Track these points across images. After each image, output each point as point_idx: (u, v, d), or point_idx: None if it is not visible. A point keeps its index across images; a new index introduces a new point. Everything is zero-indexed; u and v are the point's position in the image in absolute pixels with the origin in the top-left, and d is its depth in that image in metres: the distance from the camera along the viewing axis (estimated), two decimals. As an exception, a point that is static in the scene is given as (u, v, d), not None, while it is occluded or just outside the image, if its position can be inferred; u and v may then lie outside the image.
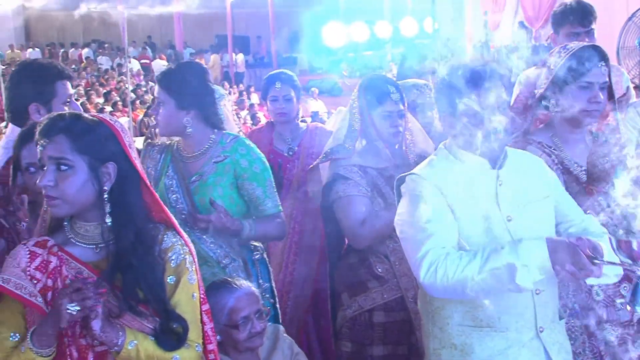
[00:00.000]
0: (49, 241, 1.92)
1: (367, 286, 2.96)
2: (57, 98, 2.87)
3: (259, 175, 2.87)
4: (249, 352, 2.50)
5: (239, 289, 2.49)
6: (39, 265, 1.88)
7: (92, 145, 1.87)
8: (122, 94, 15.98)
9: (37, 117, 2.86)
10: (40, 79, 2.89)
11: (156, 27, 25.40)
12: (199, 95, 2.83)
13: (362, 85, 3.09)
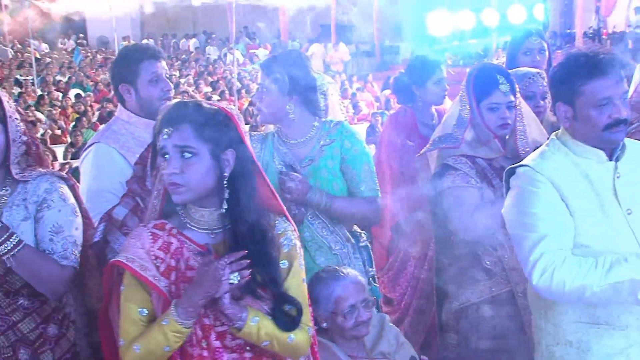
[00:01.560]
0: (167, 224, 1.99)
1: (475, 278, 2.91)
2: (141, 77, 3.03)
3: (357, 158, 2.90)
4: (355, 341, 2.51)
5: (346, 278, 2.50)
6: (161, 246, 1.95)
7: (213, 132, 1.92)
8: (228, 83, 16.39)
9: (128, 96, 3.07)
10: (126, 60, 3.07)
11: (262, 18, 25.87)
12: (301, 81, 2.87)
13: (470, 74, 3.02)
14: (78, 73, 18.08)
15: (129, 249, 1.93)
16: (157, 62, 3.05)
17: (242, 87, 16.00)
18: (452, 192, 2.90)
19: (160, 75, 3.05)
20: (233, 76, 15.35)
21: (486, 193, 2.89)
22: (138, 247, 1.93)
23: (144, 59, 3.03)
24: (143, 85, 3.03)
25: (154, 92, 3.04)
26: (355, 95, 15.31)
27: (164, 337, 1.85)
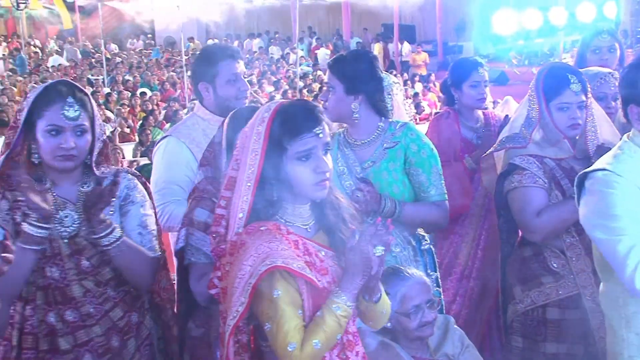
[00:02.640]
0: (279, 225, 1.99)
1: (541, 281, 2.85)
2: (219, 76, 3.09)
3: (425, 162, 2.87)
4: (419, 341, 2.50)
5: (411, 278, 2.49)
6: (293, 246, 1.97)
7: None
8: (290, 82, 16.51)
9: (206, 94, 3.15)
10: (206, 59, 3.15)
11: (324, 17, 25.97)
12: (367, 81, 2.86)
13: (540, 74, 2.96)
14: (146, 73, 18.53)
15: (279, 253, 1.90)
16: (235, 62, 3.11)
17: (304, 86, 16.08)
18: (518, 192, 2.85)
19: (238, 75, 3.12)
20: (295, 75, 15.47)
21: (553, 194, 2.84)
22: (284, 248, 1.92)
23: (223, 58, 3.09)
24: (221, 84, 3.10)
25: (231, 92, 3.11)
26: (418, 95, 15.20)
27: (339, 325, 1.90)
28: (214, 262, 2.09)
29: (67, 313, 2.36)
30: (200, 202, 2.47)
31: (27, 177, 2.32)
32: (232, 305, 1.89)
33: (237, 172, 2.00)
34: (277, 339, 1.87)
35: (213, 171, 2.52)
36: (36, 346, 2.34)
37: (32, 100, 2.35)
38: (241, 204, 1.96)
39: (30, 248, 2.25)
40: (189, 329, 2.55)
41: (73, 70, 19.57)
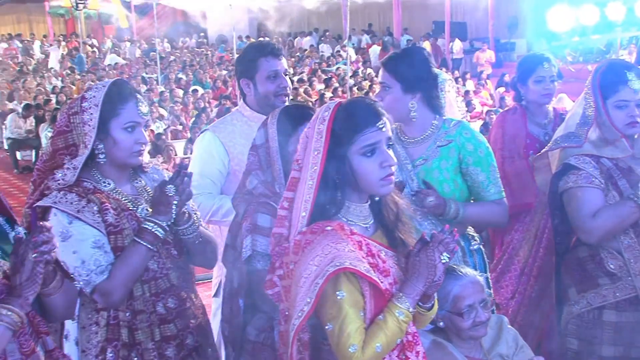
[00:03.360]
0: (343, 224, 2.00)
1: (597, 282, 2.81)
2: (259, 73, 3.16)
3: (483, 160, 2.84)
4: (472, 341, 2.49)
5: (464, 277, 2.48)
6: (357, 246, 1.99)
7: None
8: (341, 80, 16.53)
9: (248, 91, 3.22)
10: (248, 56, 3.23)
11: (375, 15, 25.89)
12: (423, 79, 2.85)
13: (597, 71, 2.91)
14: (198, 71, 18.79)
15: (346, 255, 1.90)
16: (276, 60, 3.17)
17: (354, 84, 16.07)
18: (573, 192, 2.81)
19: (278, 72, 3.17)
20: (346, 73, 15.45)
21: (610, 195, 2.78)
22: (350, 250, 1.92)
23: (263, 55, 3.16)
24: (261, 80, 3.16)
25: (271, 88, 3.17)
26: (469, 92, 15.02)
27: (400, 329, 1.93)
28: (273, 262, 2.10)
29: (170, 300, 2.47)
30: (260, 207, 2.49)
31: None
32: (296, 305, 1.90)
33: (299, 173, 2.01)
34: (338, 340, 1.89)
35: (265, 174, 2.55)
36: (151, 337, 2.42)
37: (101, 100, 2.38)
38: (304, 203, 1.97)
39: (149, 247, 2.35)
40: (247, 333, 2.58)
41: (128, 68, 19.99)
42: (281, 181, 2.49)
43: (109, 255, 2.36)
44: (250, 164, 2.58)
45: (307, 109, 2.61)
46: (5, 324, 1.86)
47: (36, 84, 17.10)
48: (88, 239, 2.33)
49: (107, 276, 2.33)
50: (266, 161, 2.55)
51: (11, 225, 2.11)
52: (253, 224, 2.47)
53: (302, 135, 2.06)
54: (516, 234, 3.62)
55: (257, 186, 2.53)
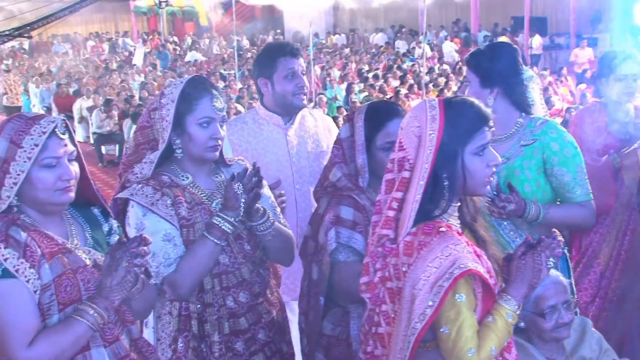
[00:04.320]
0: (450, 224, 2.00)
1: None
2: (277, 72, 3.17)
3: (570, 160, 2.77)
4: (554, 343, 2.45)
5: (546, 277, 2.45)
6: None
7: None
8: (416, 77, 16.41)
9: (265, 90, 3.23)
10: (266, 56, 3.25)
11: (452, 11, 25.54)
12: (505, 74, 2.80)
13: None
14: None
15: (466, 256, 1.90)
16: (294, 59, 3.18)
17: (430, 80, 15.93)
18: None
19: (296, 72, 3.18)
20: (421, 70, 15.33)
21: None
22: (469, 251, 1.92)
23: (282, 55, 3.17)
24: (278, 80, 3.18)
25: (288, 88, 3.17)
26: (548, 89, 14.64)
27: (509, 331, 1.95)
28: (372, 262, 2.07)
29: (241, 295, 2.51)
30: (342, 199, 2.51)
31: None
32: (415, 308, 1.88)
33: (410, 173, 1.98)
34: (455, 345, 1.87)
35: (348, 167, 2.56)
36: (220, 330, 2.47)
37: (178, 96, 2.43)
38: (414, 203, 1.95)
39: (216, 241, 2.38)
40: (323, 327, 2.59)
41: (207, 65, 20.40)
42: (365, 175, 2.52)
43: (178, 249, 2.40)
44: (334, 157, 2.60)
45: (395, 105, 2.63)
46: (89, 323, 1.93)
47: (120, 81, 17.68)
48: (159, 231, 2.39)
49: (175, 269, 2.38)
50: (350, 155, 2.57)
51: (105, 217, 2.22)
52: (336, 216, 2.48)
53: (405, 134, 2.02)
54: (595, 236, 3.53)
55: (341, 179, 2.55)
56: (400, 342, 1.93)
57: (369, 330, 2.08)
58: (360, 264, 2.31)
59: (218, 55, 22.81)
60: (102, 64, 21.33)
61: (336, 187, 2.55)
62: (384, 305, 2.02)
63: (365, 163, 2.52)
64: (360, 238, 2.46)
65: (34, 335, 1.89)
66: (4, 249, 1.88)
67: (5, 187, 1.93)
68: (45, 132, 1.95)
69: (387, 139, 2.49)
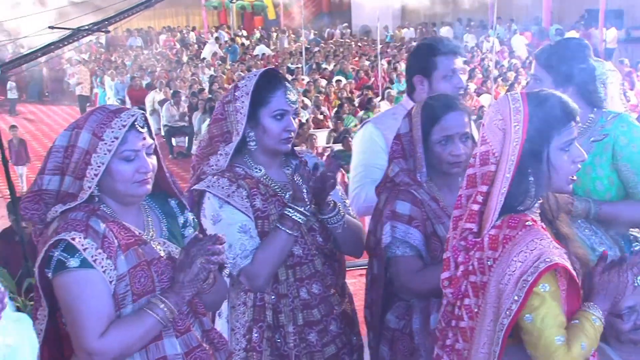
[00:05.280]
0: (535, 218, 1.98)
1: None
2: (437, 71, 3.06)
3: (634, 156, 2.66)
4: (632, 345, 2.39)
5: (625, 277, 2.39)
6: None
7: None
8: (485, 71, 16.16)
9: (421, 87, 3.12)
10: (425, 53, 3.13)
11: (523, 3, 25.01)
12: (578, 71, 2.73)
13: None
14: (342, 61, 19.04)
15: (552, 251, 1.86)
16: (454, 58, 3.09)
17: (499, 75, 15.66)
18: None
19: (456, 71, 3.09)
20: (489, 65, 15.08)
21: None
22: (555, 246, 1.89)
23: (442, 54, 3.07)
24: (437, 79, 3.07)
25: (447, 88, 3.05)
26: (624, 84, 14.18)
27: (596, 336, 1.94)
28: (454, 257, 2.04)
29: (314, 286, 2.54)
30: (400, 194, 2.50)
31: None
32: (502, 303, 1.85)
33: (496, 167, 1.96)
34: (541, 333, 1.84)
35: (407, 162, 2.55)
36: (294, 321, 2.51)
37: (252, 89, 2.46)
38: (500, 196, 1.93)
39: (288, 232, 2.42)
40: (387, 321, 2.60)
41: (275, 59, 20.60)
42: (422, 169, 2.50)
43: (254, 240, 2.43)
44: (394, 152, 2.59)
45: (453, 99, 2.60)
46: (158, 318, 1.97)
47: (191, 74, 18.06)
48: (236, 223, 2.41)
49: (251, 260, 2.41)
50: (409, 150, 2.56)
51: (181, 209, 2.25)
52: (392, 210, 2.48)
53: (488, 128, 2.00)
54: None
55: (399, 174, 2.54)
56: (485, 337, 1.91)
57: (448, 324, 2.06)
58: (416, 259, 2.35)
59: (286, 48, 23.00)
60: (174, 57, 21.82)
61: (394, 182, 2.55)
62: (466, 299, 2.00)
63: (423, 158, 2.50)
64: (416, 233, 2.44)
65: (107, 324, 1.92)
66: (84, 239, 1.92)
67: (87, 178, 1.98)
68: (125, 125, 1.99)
69: (443, 133, 2.48)
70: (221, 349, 2.18)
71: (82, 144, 1.99)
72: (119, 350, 1.93)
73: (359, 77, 17.42)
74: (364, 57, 20.13)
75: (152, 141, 2.07)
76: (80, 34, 6.32)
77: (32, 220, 2.07)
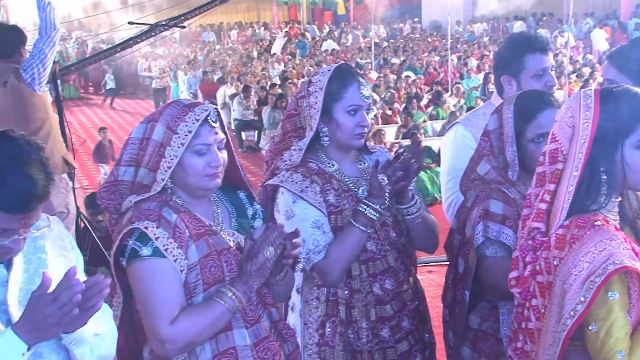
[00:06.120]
0: (607, 218, 1.90)
1: None
2: (525, 71, 2.92)
3: None
4: None
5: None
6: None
7: None
8: (559, 66, 15.80)
9: (509, 87, 2.97)
10: (512, 51, 2.98)
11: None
12: None
13: None
14: (411, 57, 18.94)
15: (622, 253, 1.77)
16: (544, 55, 2.94)
17: (573, 71, 15.27)
18: None
19: (546, 70, 2.93)
20: (564, 60, 14.71)
21: None
22: (625, 247, 1.80)
23: (531, 52, 2.92)
24: (526, 78, 2.93)
25: (537, 87, 2.87)
26: None
27: None
28: (522, 256, 2.00)
29: (387, 282, 2.52)
30: (492, 193, 2.40)
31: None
32: (566, 304, 1.80)
33: (563, 164, 1.91)
34: (603, 344, 1.77)
35: (497, 160, 2.47)
36: (367, 317, 2.50)
37: (326, 84, 2.45)
38: (567, 195, 1.87)
39: (362, 229, 2.40)
40: (469, 321, 2.52)
41: (344, 54, 20.65)
42: (515, 168, 2.40)
43: (327, 236, 2.42)
44: (482, 150, 2.51)
45: (547, 95, 2.49)
46: (227, 306, 1.97)
47: (261, 69, 18.30)
48: (309, 218, 2.40)
49: (324, 256, 2.39)
50: (498, 147, 2.47)
51: (250, 202, 2.28)
52: (485, 210, 2.38)
53: (559, 126, 1.94)
54: None
55: (490, 172, 2.46)
56: (550, 338, 1.86)
57: (519, 325, 2.02)
58: (507, 259, 2.23)
59: (355, 44, 23.02)
60: (245, 52, 22.15)
61: (484, 180, 2.47)
62: (534, 300, 1.95)
63: (516, 155, 2.40)
64: (510, 233, 2.34)
65: (178, 312, 1.95)
66: (156, 229, 1.95)
67: (161, 170, 2.01)
68: (199, 119, 2.01)
69: (539, 131, 2.37)
70: (289, 341, 2.19)
71: (157, 136, 2.03)
72: (190, 338, 1.95)
73: (428, 73, 17.29)
74: (434, 53, 19.95)
75: (223, 136, 2.09)
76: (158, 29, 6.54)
77: (108, 210, 2.12)
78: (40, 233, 1.85)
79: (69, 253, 1.93)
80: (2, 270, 1.76)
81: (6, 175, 1.64)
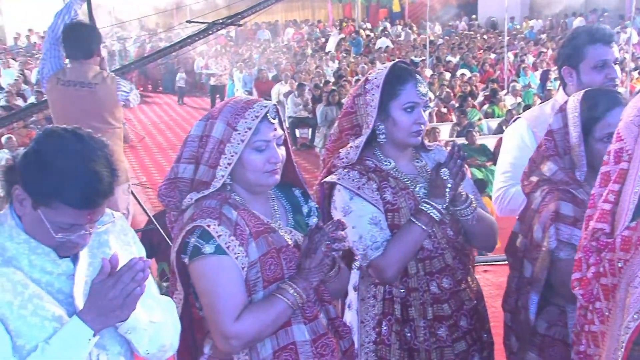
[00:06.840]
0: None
1: None
2: (585, 61, 2.89)
3: None
4: None
5: None
6: None
7: None
8: (620, 63, 15.37)
9: (570, 79, 2.95)
10: (573, 42, 2.95)
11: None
12: None
13: None
14: (467, 54, 18.72)
15: None
16: (606, 47, 2.88)
17: (635, 68, 14.85)
18: None
19: (607, 62, 2.88)
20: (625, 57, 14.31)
21: None
22: None
23: (592, 42, 2.89)
24: (585, 69, 2.90)
25: (597, 79, 2.86)
26: None
27: None
28: (585, 258, 1.95)
29: (444, 281, 2.51)
30: (561, 194, 2.34)
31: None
32: (631, 307, 1.75)
33: (628, 164, 1.85)
34: None
35: (564, 161, 2.41)
36: (424, 315, 2.49)
37: (382, 81, 2.44)
38: (632, 195, 1.81)
39: (424, 227, 2.40)
40: (537, 326, 2.45)
41: (398, 51, 20.56)
42: (582, 168, 2.34)
43: (384, 232, 2.41)
44: (546, 150, 2.45)
45: (615, 94, 2.43)
46: (289, 302, 1.99)
47: (315, 66, 18.36)
48: (366, 215, 2.40)
49: (382, 253, 2.39)
50: (563, 147, 2.41)
51: (305, 199, 2.29)
52: (555, 212, 2.32)
53: (624, 124, 1.89)
54: None
55: (557, 172, 2.40)
56: (615, 341, 1.82)
57: (582, 328, 1.99)
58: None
59: (409, 41, 22.88)
60: (299, 50, 22.26)
61: (551, 182, 2.40)
62: (597, 303, 1.91)
63: (583, 156, 2.34)
64: (581, 234, 2.24)
65: (241, 309, 1.97)
66: (218, 226, 1.97)
67: (220, 167, 2.03)
68: (258, 116, 2.03)
69: (608, 130, 2.28)
70: (345, 337, 2.20)
71: (217, 133, 2.04)
72: (254, 334, 1.98)
73: (484, 70, 17.06)
74: (490, 50, 19.67)
75: (282, 132, 2.10)
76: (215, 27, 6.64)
77: (169, 207, 2.14)
78: (105, 228, 1.89)
79: (131, 247, 1.97)
80: (69, 264, 1.81)
81: (73, 172, 1.67)
